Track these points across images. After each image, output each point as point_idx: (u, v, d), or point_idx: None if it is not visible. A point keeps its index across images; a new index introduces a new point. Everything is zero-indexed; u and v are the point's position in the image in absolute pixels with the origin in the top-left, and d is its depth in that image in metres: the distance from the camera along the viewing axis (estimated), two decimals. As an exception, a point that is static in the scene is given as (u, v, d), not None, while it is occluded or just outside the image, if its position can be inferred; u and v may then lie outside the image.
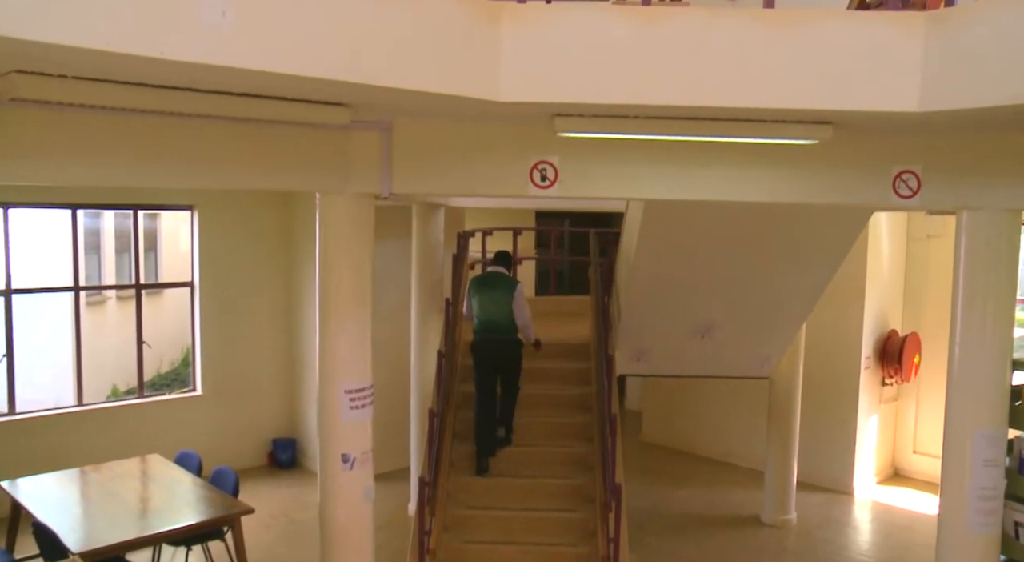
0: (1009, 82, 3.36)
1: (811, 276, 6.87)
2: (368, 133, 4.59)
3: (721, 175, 4.54)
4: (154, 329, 10.12)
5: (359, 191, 4.69)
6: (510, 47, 3.57)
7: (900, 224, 9.77)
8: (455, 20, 3.42)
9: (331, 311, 4.76)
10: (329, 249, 4.77)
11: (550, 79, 3.59)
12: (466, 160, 4.63)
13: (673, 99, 3.59)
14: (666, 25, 3.57)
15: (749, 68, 3.57)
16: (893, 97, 3.59)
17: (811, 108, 3.62)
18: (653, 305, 7.29)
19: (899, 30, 3.58)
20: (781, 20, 3.57)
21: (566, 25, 3.57)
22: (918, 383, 9.86)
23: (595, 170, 4.58)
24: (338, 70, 3.07)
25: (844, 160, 4.52)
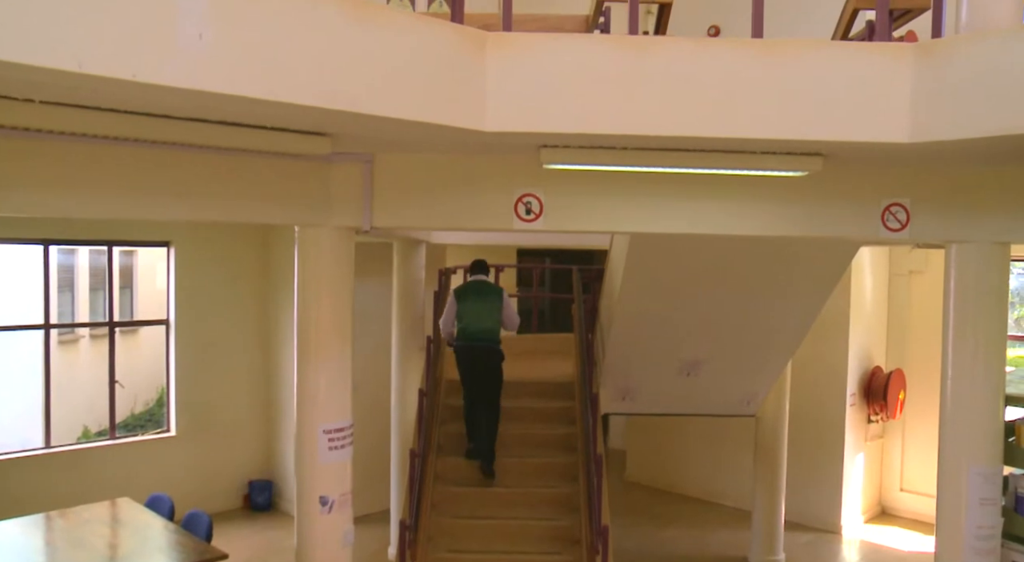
0: (997, 113, 3.34)
1: (798, 311, 6.80)
2: (349, 165, 4.49)
3: (709, 208, 4.47)
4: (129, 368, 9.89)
5: (339, 225, 4.57)
6: (496, 76, 3.50)
7: (882, 260, 9.77)
8: (440, 48, 3.35)
9: (310, 348, 4.62)
10: (308, 284, 4.64)
11: (536, 109, 3.52)
12: (449, 193, 4.54)
13: (661, 129, 3.52)
14: (654, 55, 3.52)
15: (738, 98, 3.52)
16: (883, 128, 3.55)
17: (801, 139, 3.57)
18: (638, 343, 7.18)
19: (888, 61, 3.54)
20: (770, 50, 3.52)
21: (553, 54, 3.51)
22: (903, 420, 9.79)
23: (581, 203, 4.50)
24: (320, 97, 2.98)
25: (833, 193, 4.47)
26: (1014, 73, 3.29)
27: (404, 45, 3.24)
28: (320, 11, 2.95)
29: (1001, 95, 3.31)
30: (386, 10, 3.26)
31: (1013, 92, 3.29)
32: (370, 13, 3.13)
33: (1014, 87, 3.29)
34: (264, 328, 9.79)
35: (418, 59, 3.29)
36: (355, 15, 3.05)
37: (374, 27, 3.12)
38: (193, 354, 9.25)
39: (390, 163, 4.51)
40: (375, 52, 3.14)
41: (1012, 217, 4.47)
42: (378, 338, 8.88)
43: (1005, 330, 4.72)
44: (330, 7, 2.97)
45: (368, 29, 3.10)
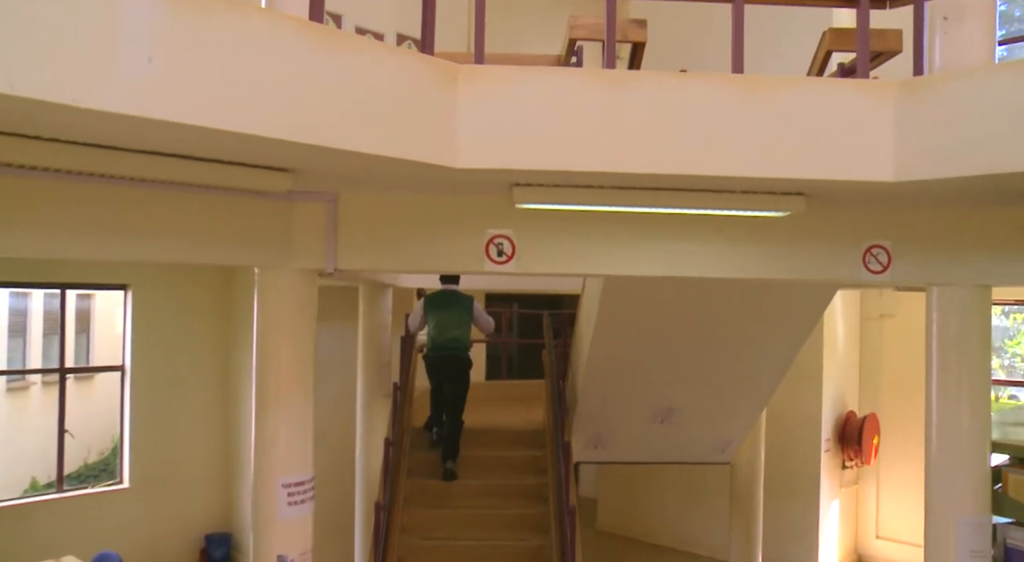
0: (982, 152, 3.25)
1: (774, 357, 6.67)
2: (312, 204, 4.29)
3: (687, 250, 4.32)
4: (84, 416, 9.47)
5: (302, 267, 4.35)
6: (468, 110, 3.35)
7: (853, 304, 9.72)
8: (410, 80, 3.19)
9: (269, 396, 4.35)
10: (268, 329, 4.39)
11: (510, 144, 3.36)
12: (417, 234, 4.35)
13: (639, 167, 3.38)
14: (632, 89, 3.39)
15: (718, 135, 3.40)
16: (867, 167, 3.44)
17: (784, 177, 3.44)
18: (611, 390, 7.00)
19: (870, 98, 3.45)
20: (751, 86, 3.41)
21: (527, 87, 3.37)
22: (878, 465, 9.66)
23: (555, 245, 4.33)
24: (279, 128, 2.79)
25: (813, 234, 4.34)
26: (999, 110, 3.21)
27: (371, 75, 3.07)
28: (281, 36, 2.77)
29: (987, 133, 3.22)
30: (353, 38, 3.10)
31: (999, 130, 3.21)
32: (335, 40, 2.97)
33: (1000, 125, 3.21)
34: (225, 374, 9.45)
35: (386, 90, 3.12)
36: (319, 41, 2.89)
37: (339, 55, 2.95)
38: (149, 401, 8.89)
39: (356, 202, 4.31)
40: (340, 82, 2.97)
41: (994, 260, 4.38)
42: (342, 385, 8.59)
43: (989, 375, 4.60)
44: (292, 32, 2.80)
45: (333, 57, 2.93)
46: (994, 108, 3.22)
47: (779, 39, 7.27)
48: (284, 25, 2.79)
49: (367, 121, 3.05)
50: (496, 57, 6.34)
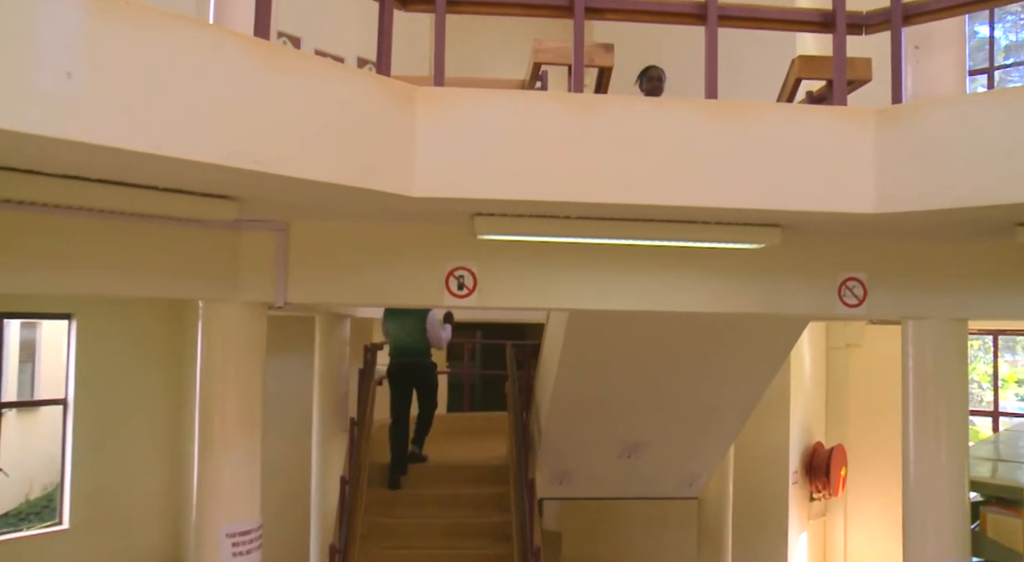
0: (965, 183, 3.11)
1: (744, 390, 6.50)
2: (261, 233, 4.04)
3: (657, 283, 4.14)
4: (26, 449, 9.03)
5: (249, 299, 4.08)
6: (426, 135, 3.13)
7: (819, 333, 9.64)
8: (364, 102, 2.97)
9: (213, 438, 4.06)
10: (213, 366, 4.11)
11: (470, 172, 3.15)
12: (373, 266, 4.11)
13: (608, 197, 3.18)
14: (601, 114, 3.20)
15: (692, 163, 3.22)
16: (847, 198, 3.28)
17: (761, 208, 3.26)
18: (576, 424, 6.77)
19: (849, 125, 3.30)
20: (726, 112, 3.24)
21: (489, 112, 3.17)
22: (845, 497, 9.54)
23: (519, 277, 4.11)
24: (219, 153, 2.54)
25: (787, 267, 4.19)
26: (982, 139, 3.07)
27: (321, 97, 2.84)
28: (223, 53, 2.54)
29: (970, 163, 3.09)
30: (301, 56, 2.88)
31: (983, 160, 3.07)
32: (282, 59, 2.74)
33: (983, 154, 3.07)
34: (175, 409, 9.04)
35: (337, 113, 2.89)
36: (264, 60, 2.65)
37: (286, 75, 2.72)
38: (94, 438, 8.44)
39: (307, 231, 4.07)
40: (286, 103, 2.74)
41: (971, 293, 4.25)
42: (298, 419, 8.26)
43: (967, 411, 4.47)
44: (235, 49, 2.57)
45: (279, 77, 2.70)
46: (977, 137, 3.09)
47: (744, 67, 7.19)
48: (225, 41, 2.56)
49: (315, 146, 2.82)
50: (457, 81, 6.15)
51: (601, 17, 3.52)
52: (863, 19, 3.57)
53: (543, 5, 3.45)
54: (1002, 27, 10.52)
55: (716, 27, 3.47)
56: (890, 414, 9.07)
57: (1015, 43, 10.83)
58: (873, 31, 3.59)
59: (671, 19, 3.64)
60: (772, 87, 5.02)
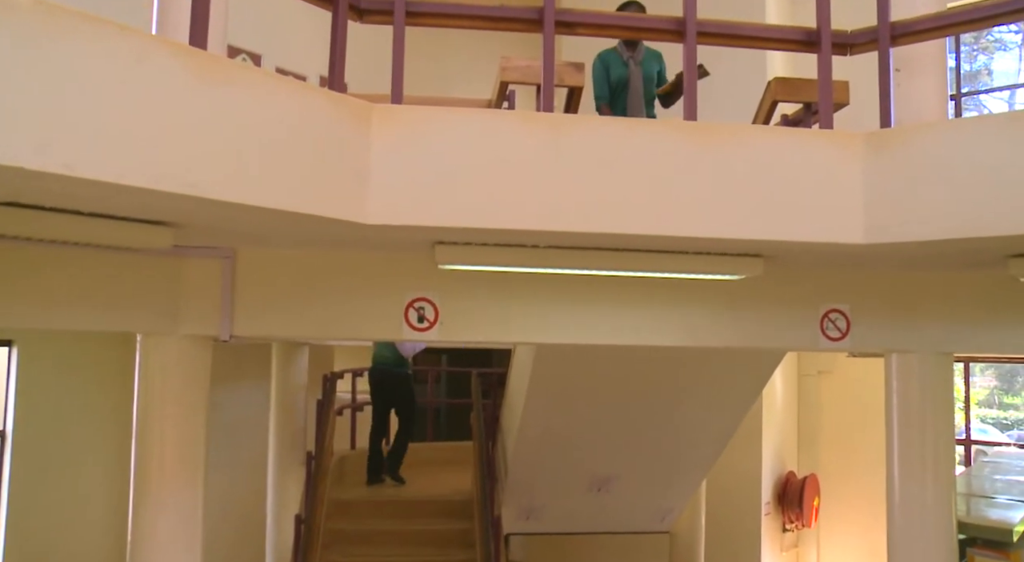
0: (958, 213, 2.91)
1: (719, 421, 6.27)
2: (205, 261, 3.73)
3: (630, 316, 3.89)
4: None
5: (191, 333, 3.77)
6: (382, 157, 2.87)
7: (791, 360, 9.45)
8: (314, 120, 2.70)
9: (150, 486, 3.71)
10: (151, 407, 3.78)
11: (430, 198, 2.88)
12: (327, 296, 3.82)
13: (579, 225, 2.93)
14: (571, 136, 2.96)
15: (669, 190, 2.98)
16: (836, 227, 3.07)
17: (742, 238, 3.03)
18: (544, 458, 6.49)
19: (836, 150, 3.09)
20: (706, 134, 3.02)
21: (452, 132, 2.91)
22: (818, 528, 9.33)
23: (483, 310, 3.85)
24: (148, 176, 2.25)
25: (768, 298, 3.97)
26: (981, 166, 2.87)
27: (267, 113, 2.57)
28: (150, 62, 2.25)
29: (964, 191, 2.89)
30: (244, 69, 2.60)
31: (977, 188, 2.87)
32: (222, 71, 2.46)
33: (977, 182, 2.88)
34: (123, 444, 8.54)
35: (284, 132, 2.62)
36: (200, 72, 2.37)
37: (227, 88, 2.45)
38: (34, 473, 7.93)
39: (255, 259, 3.77)
40: (227, 120, 2.46)
41: (958, 326, 4.06)
42: (253, 452, 7.85)
43: (953, 449, 4.28)
44: (165, 58, 2.29)
45: (218, 91, 2.42)
46: (972, 163, 2.90)
47: (717, 88, 7.03)
48: (152, 49, 2.27)
49: (258, 168, 2.54)
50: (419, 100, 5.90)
51: (573, 32, 3.29)
52: (849, 38, 3.37)
53: (510, 18, 3.21)
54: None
55: (695, 44, 3.25)
56: (863, 442, 8.97)
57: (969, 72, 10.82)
58: (859, 51, 3.40)
59: (647, 35, 3.43)
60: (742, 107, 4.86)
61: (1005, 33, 10.97)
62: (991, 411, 12.40)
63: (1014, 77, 11.08)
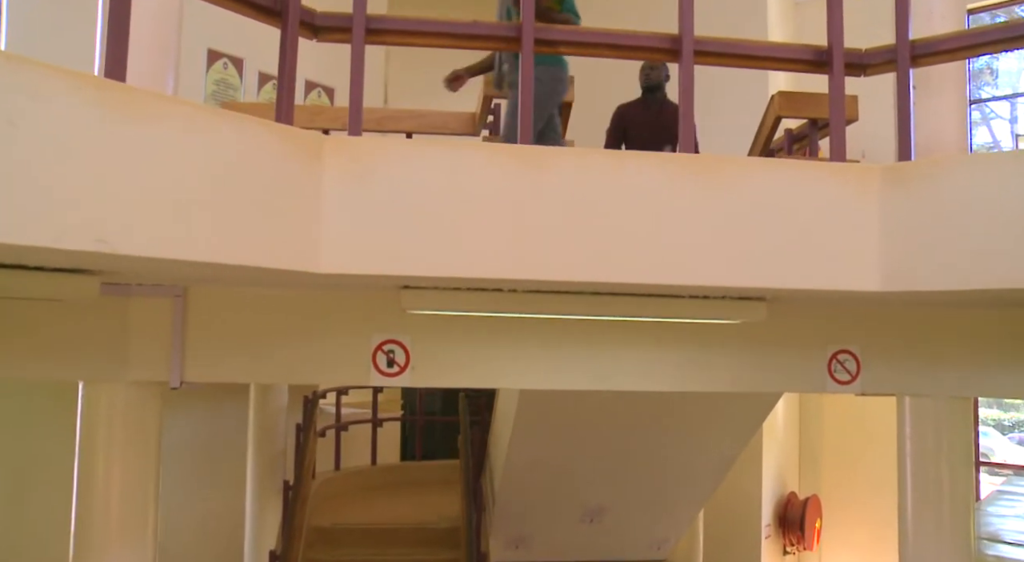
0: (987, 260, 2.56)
1: (717, 453, 5.93)
2: (153, 300, 3.39)
3: (619, 359, 3.55)
4: None
5: (138, 379, 3.42)
6: (336, 197, 2.52)
7: (792, 377, 9.13)
8: (255, 158, 2.35)
9: (90, 551, 3.37)
10: (93, 462, 3.43)
11: (391, 243, 2.54)
12: (288, 338, 3.47)
13: (559, 274, 2.59)
14: (553, 171, 2.61)
15: (662, 233, 2.64)
16: (849, 274, 2.73)
17: (747, 286, 2.70)
18: (533, 488, 6.15)
19: (850, 186, 2.75)
20: (706, 170, 2.68)
21: (415, 167, 2.57)
22: (820, 551, 9.01)
23: (458, 353, 3.51)
24: (47, 233, 1.91)
25: (771, 338, 3.62)
26: (1016, 206, 2.53)
27: (196, 153, 2.22)
28: (50, 100, 1.91)
29: (999, 234, 2.54)
30: (171, 102, 2.25)
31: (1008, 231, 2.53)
32: (140, 106, 2.11)
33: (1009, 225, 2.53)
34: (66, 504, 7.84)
35: (218, 173, 2.28)
36: (115, 108, 2.03)
37: (147, 127, 2.10)
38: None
39: (208, 298, 3.43)
40: (146, 164, 2.11)
41: (978, 368, 3.72)
42: (230, 477, 7.49)
43: (972, 499, 3.93)
44: (66, 92, 1.94)
45: (136, 129, 2.08)
46: (1005, 203, 2.55)
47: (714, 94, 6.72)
48: (50, 82, 1.92)
49: (186, 217, 2.20)
50: (400, 114, 5.55)
51: (556, 50, 2.95)
52: (864, 58, 3.02)
53: (486, 35, 2.86)
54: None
55: (692, 65, 2.90)
56: (867, 463, 8.65)
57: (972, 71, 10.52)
58: (875, 72, 3.05)
59: (639, 54, 3.09)
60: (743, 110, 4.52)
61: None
62: (992, 412, 12.11)
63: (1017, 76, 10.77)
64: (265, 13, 2.65)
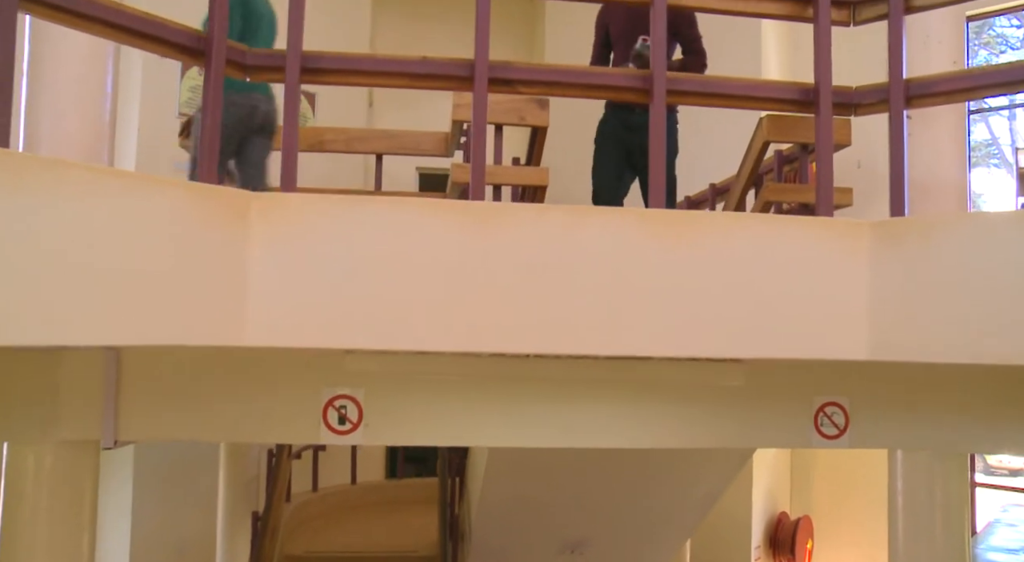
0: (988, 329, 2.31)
1: (704, 486, 5.69)
2: (84, 354, 3.13)
3: (589, 415, 3.29)
4: None
5: (68, 438, 3.16)
6: (263, 261, 2.27)
7: (784, 393, 8.89)
8: (169, 223, 2.10)
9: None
10: (19, 528, 3.17)
11: (325, 313, 2.29)
12: (230, 393, 3.22)
13: (513, 346, 2.35)
14: (502, 229, 2.36)
15: (629, 298, 2.38)
16: (833, 341, 2.48)
17: (721, 357, 2.44)
18: (510, 522, 5.91)
19: (837, 244, 2.49)
20: (676, 226, 2.42)
21: (351, 227, 2.31)
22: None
23: (415, 409, 3.24)
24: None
25: (753, 391, 3.36)
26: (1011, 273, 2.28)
27: (97, 223, 1.96)
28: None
29: (1002, 303, 2.29)
30: (63, 167, 1.99)
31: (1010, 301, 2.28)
32: (30, 176, 1.85)
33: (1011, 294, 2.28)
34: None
35: (125, 243, 2.02)
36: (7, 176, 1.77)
37: (38, 198, 1.84)
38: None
39: (144, 352, 3.17)
40: (35, 238, 1.86)
41: (975, 422, 3.47)
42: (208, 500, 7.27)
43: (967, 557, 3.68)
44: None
45: (25, 202, 1.82)
46: (1008, 266, 2.30)
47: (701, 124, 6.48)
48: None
49: (85, 294, 1.94)
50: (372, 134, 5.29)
51: (514, 90, 2.68)
52: (854, 97, 2.76)
53: (434, 74, 2.59)
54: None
55: (663, 107, 2.64)
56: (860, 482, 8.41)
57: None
58: (867, 112, 2.79)
59: (607, 93, 2.82)
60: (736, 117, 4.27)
61: (1007, 27, 10.45)
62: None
63: (1019, 73, 10.50)
64: (188, 54, 2.38)
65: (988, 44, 10.92)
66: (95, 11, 2.14)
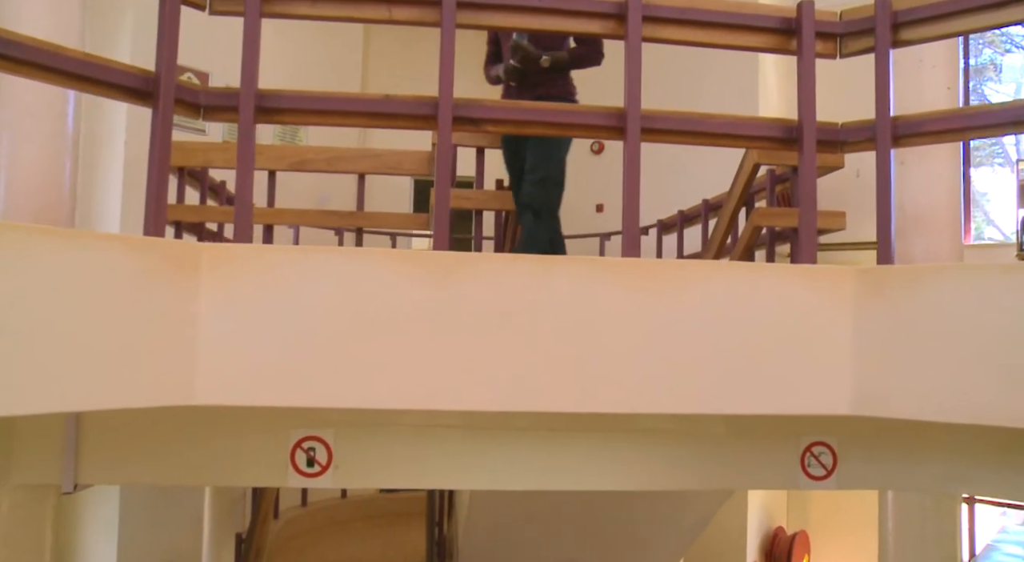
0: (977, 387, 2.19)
1: (695, 507, 5.58)
2: (42, 396, 3.01)
3: (569, 457, 3.18)
4: None
5: (26, 482, 3.06)
6: (213, 316, 2.16)
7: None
8: (112, 279, 1.99)
9: None
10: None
11: (280, 370, 2.17)
12: (194, 436, 3.11)
13: (478, 404, 2.22)
14: (468, 283, 2.24)
15: (601, 355, 2.27)
16: (814, 396, 2.36)
17: (695, 413, 2.33)
18: (497, 545, 5.81)
19: (819, 293, 2.37)
20: (649, 276, 2.30)
21: (306, 279, 2.19)
22: (808, 588, 8.68)
23: (387, 450, 3.13)
24: None
25: (738, 432, 3.25)
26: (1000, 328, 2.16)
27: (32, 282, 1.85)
28: None
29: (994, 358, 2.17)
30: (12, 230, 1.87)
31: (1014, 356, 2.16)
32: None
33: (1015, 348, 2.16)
34: None
35: (66, 303, 1.91)
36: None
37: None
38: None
39: (104, 394, 3.05)
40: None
41: (967, 462, 3.34)
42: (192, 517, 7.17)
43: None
44: None
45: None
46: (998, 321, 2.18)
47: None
48: None
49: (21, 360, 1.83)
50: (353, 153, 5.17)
51: (480, 129, 2.56)
52: (840, 134, 2.64)
53: (395, 114, 2.48)
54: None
55: (639, 141, 2.52)
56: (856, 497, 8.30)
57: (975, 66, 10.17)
58: (853, 150, 2.67)
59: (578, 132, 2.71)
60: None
61: (1012, 26, 10.31)
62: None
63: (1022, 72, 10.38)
64: (135, 96, 2.26)
65: (992, 43, 10.76)
66: (28, 55, 2.02)
